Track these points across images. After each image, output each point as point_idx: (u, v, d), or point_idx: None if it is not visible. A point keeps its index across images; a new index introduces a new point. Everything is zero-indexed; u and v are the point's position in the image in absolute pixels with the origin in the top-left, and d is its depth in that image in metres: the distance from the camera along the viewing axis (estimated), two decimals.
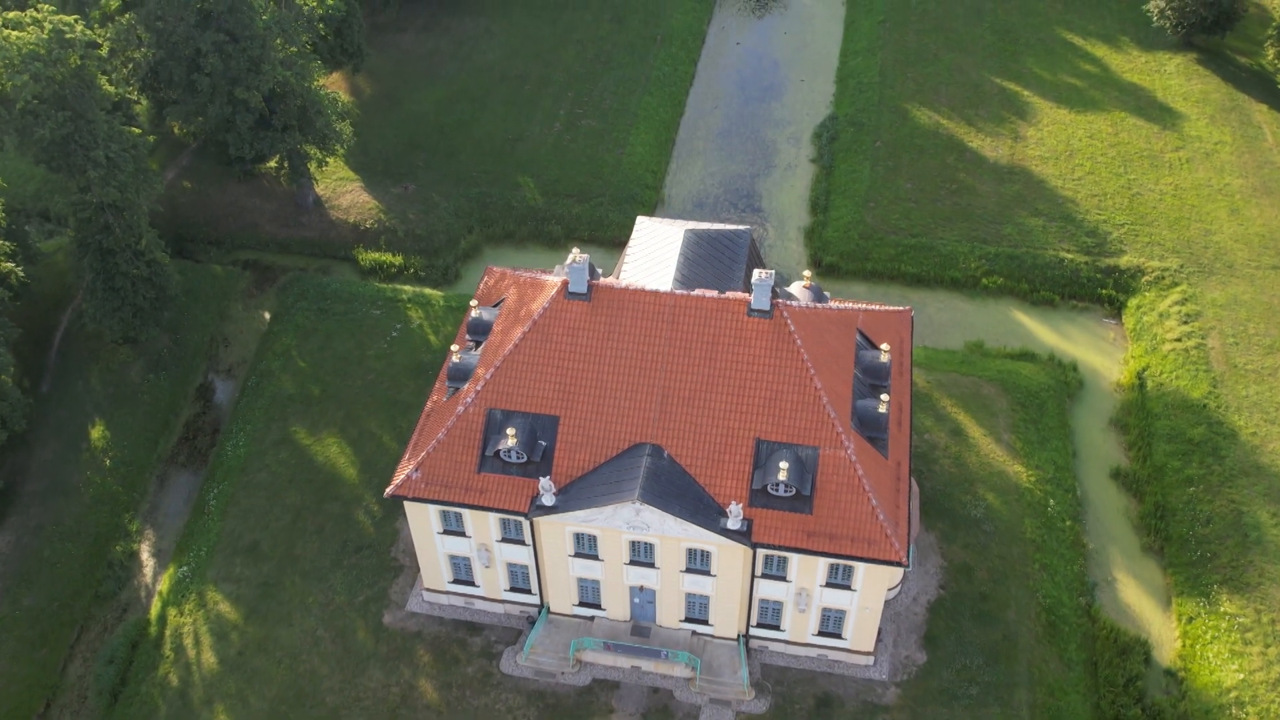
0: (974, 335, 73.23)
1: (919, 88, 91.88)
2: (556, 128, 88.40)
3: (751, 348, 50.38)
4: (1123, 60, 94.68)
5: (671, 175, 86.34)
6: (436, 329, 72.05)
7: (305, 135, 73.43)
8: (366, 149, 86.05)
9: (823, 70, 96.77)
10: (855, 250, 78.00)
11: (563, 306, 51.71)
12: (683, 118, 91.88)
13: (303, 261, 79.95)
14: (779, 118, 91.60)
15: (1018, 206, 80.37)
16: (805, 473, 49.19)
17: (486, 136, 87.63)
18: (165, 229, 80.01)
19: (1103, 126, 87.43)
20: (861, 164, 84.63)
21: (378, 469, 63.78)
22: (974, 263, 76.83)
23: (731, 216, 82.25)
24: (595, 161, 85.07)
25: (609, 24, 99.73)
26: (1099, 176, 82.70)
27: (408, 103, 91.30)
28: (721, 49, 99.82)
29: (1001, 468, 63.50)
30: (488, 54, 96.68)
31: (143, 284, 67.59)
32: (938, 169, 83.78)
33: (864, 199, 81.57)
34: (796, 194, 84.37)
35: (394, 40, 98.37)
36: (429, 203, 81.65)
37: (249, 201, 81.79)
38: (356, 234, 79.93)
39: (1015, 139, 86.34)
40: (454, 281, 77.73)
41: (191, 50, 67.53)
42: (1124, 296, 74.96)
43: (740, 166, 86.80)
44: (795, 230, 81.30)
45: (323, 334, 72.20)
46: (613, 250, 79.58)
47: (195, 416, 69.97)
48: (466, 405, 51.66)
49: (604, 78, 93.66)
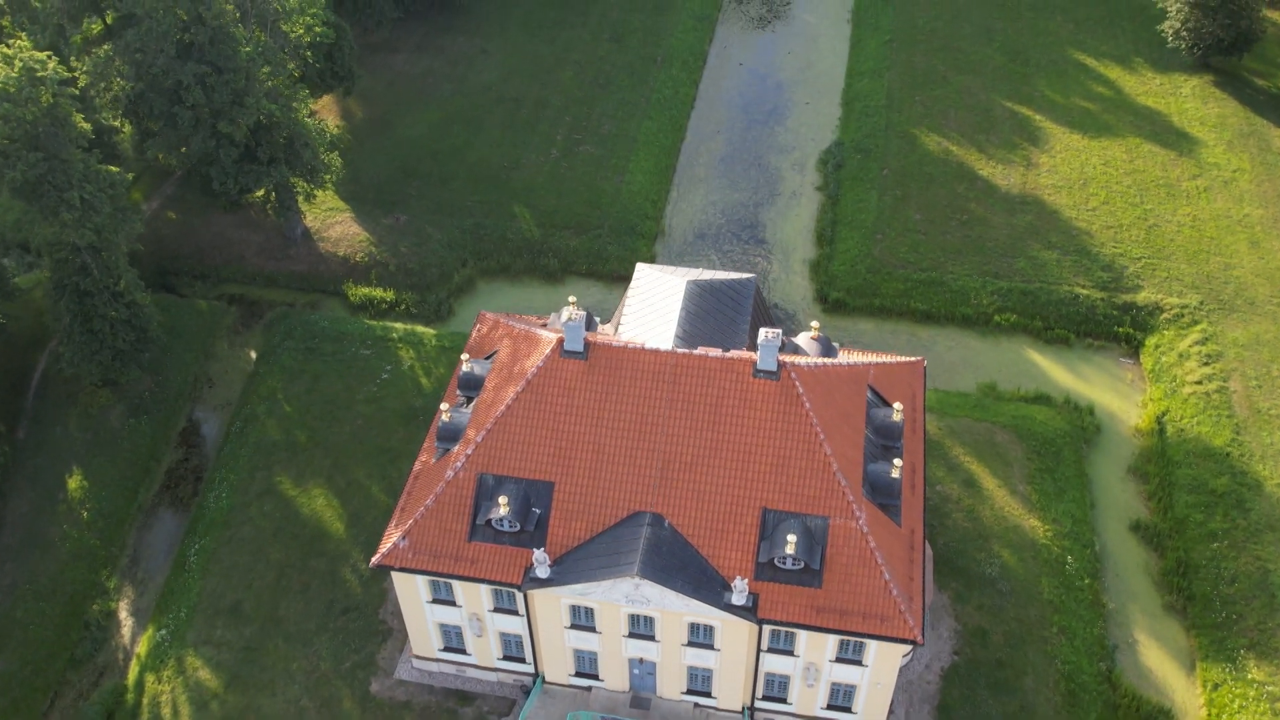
0: (986, 376, 70.55)
1: (927, 111, 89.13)
2: (553, 154, 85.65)
3: (757, 411, 47.70)
4: (1137, 82, 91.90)
5: (672, 204, 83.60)
6: (428, 370, 69.36)
7: (292, 168, 70.68)
8: (357, 177, 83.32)
9: (828, 92, 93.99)
10: (862, 285, 75.26)
11: (558, 365, 49.03)
12: (684, 142, 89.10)
13: (291, 296, 77.21)
14: (783, 143, 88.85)
15: (1031, 238, 77.65)
16: (814, 545, 46.52)
17: (481, 163, 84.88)
18: (149, 262, 77.54)
19: (1117, 153, 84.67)
20: (869, 193, 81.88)
21: (365, 523, 61.12)
22: (986, 299, 74.12)
23: (734, 249, 79.57)
24: (593, 190, 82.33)
25: (608, 44, 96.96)
26: (1114, 207, 79.96)
27: (400, 126, 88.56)
28: (723, 70, 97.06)
29: (1017, 522, 60.83)
30: (483, 74, 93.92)
31: (122, 326, 64.90)
32: (947, 198, 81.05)
33: (871, 230, 78.84)
34: (801, 224, 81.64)
35: (386, 61, 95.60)
36: (421, 234, 78.93)
37: (235, 233, 79.07)
38: (346, 268, 77.21)
39: (1027, 166, 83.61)
40: (447, 318, 75.00)
41: (172, 82, 64.77)
42: (1142, 335, 72.25)
43: (743, 195, 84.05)
44: (800, 263, 78.55)
45: (310, 375, 69.51)
46: (611, 285, 76.91)
47: (177, 463, 67.28)
48: (456, 470, 48.99)
49: (603, 100, 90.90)
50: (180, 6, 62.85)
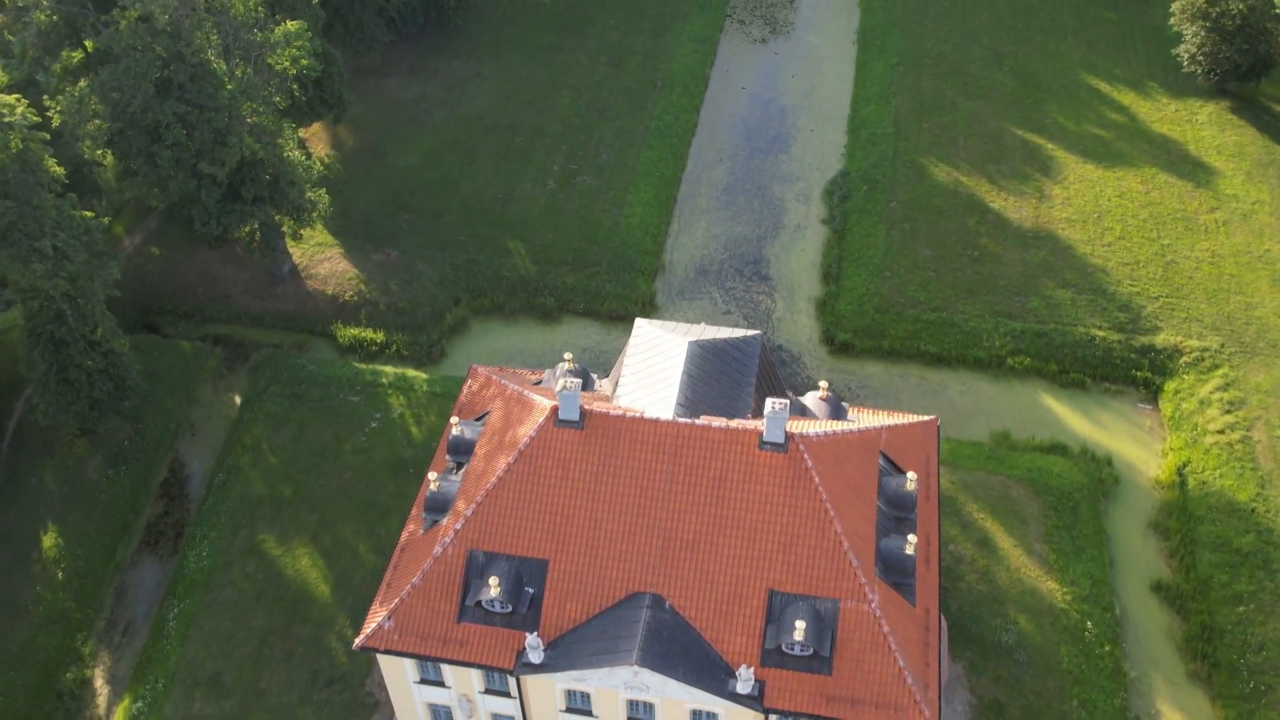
0: (1000, 423, 67.85)
1: (936, 140, 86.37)
2: (550, 185, 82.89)
3: (764, 485, 45.01)
4: (1151, 109, 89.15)
5: (673, 237, 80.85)
6: (418, 418, 66.66)
7: (277, 207, 67.92)
8: (347, 210, 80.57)
9: (833, 118, 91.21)
10: (870, 326, 72.53)
11: (552, 435, 46.33)
12: (684, 172, 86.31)
13: (277, 336, 74.47)
14: (787, 172, 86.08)
15: (1044, 276, 74.91)
16: (824, 629, 43.84)
17: (475, 195, 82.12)
18: (130, 300, 74.82)
19: (1133, 184, 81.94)
20: (876, 226, 79.15)
21: (352, 585, 58.45)
22: (998, 340, 71.39)
23: (737, 285, 76.81)
24: (591, 224, 79.58)
25: (606, 68, 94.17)
26: (1130, 242, 77.23)
27: (392, 155, 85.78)
28: (725, 94, 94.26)
29: (1034, 584, 58.16)
30: (478, 100, 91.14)
31: (99, 376, 62.22)
32: (958, 233, 78.31)
33: (879, 267, 76.10)
34: (807, 259, 78.90)
35: (379, 85, 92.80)
36: (412, 271, 76.17)
37: (220, 270, 76.34)
38: (335, 307, 74.44)
39: (1040, 198, 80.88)
40: (439, 360, 72.28)
41: (151, 121, 62.01)
42: (1160, 379, 69.52)
43: (746, 228, 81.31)
44: (806, 301, 75.82)
45: (296, 424, 66.80)
46: (609, 325, 74.18)
47: (158, 517, 64.55)
48: (445, 545, 46.30)
49: (601, 128, 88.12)
50: (159, 43, 60.11)
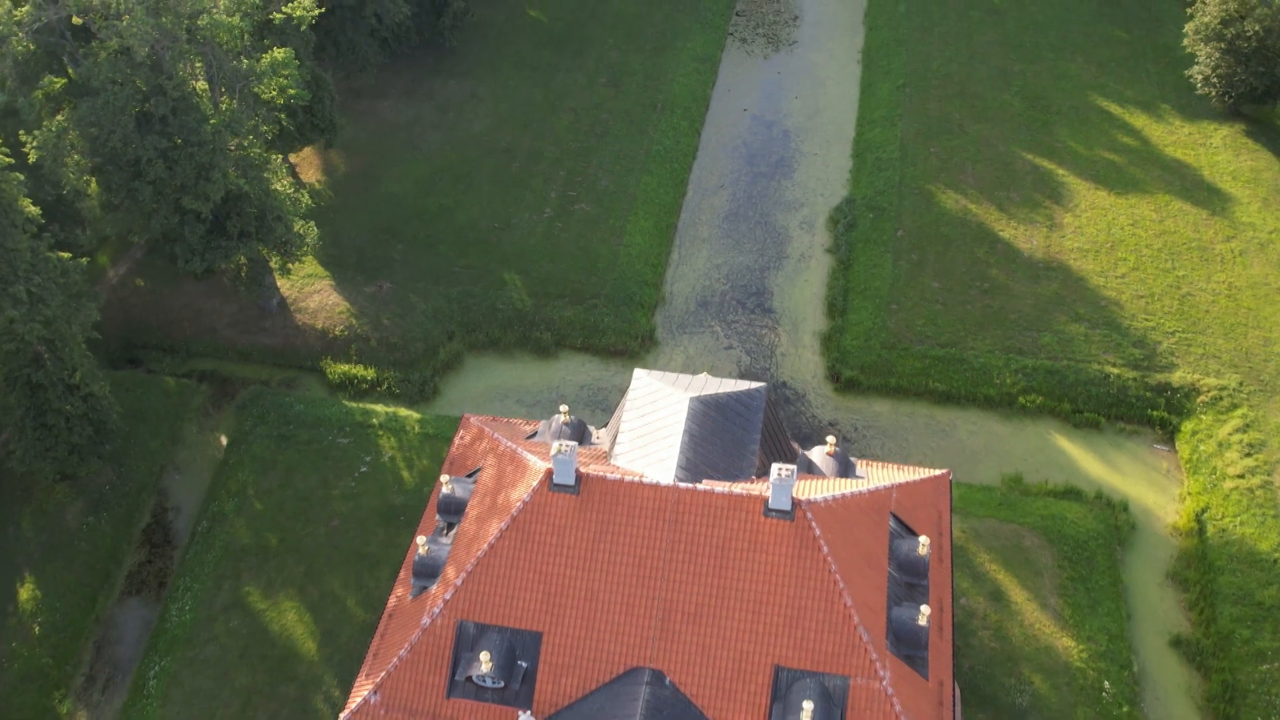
0: (1011, 465, 65.59)
1: (943, 165, 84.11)
2: (547, 213, 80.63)
3: (769, 555, 42.78)
4: (1164, 132, 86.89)
5: (673, 268, 78.57)
6: (410, 462, 64.41)
7: (264, 242, 65.66)
8: (338, 239, 78.32)
9: (837, 142, 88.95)
10: (877, 362, 70.27)
11: (546, 500, 44.10)
12: (685, 198, 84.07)
13: (265, 372, 72.22)
14: (790, 198, 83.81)
15: (1056, 310, 72.65)
16: (833, 708, 41.60)
17: (470, 223, 79.85)
18: (114, 334, 72.74)
19: (1146, 211, 79.70)
20: (883, 257, 76.88)
21: (340, 642, 56.21)
22: (1009, 378, 69.13)
23: (739, 319, 74.54)
24: (589, 255, 77.31)
25: (605, 88, 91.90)
26: (1144, 273, 74.97)
27: (385, 181, 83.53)
28: (727, 116, 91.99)
29: (1049, 641, 55.90)
30: (473, 123, 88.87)
31: (78, 421, 59.91)
32: (967, 264, 76.06)
33: (886, 300, 73.84)
34: (811, 290, 76.62)
35: (372, 108, 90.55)
36: (405, 304, 73.91)
37: (207, 303, 74.08)
38: (324, 342, 72.18)
39: (1051, 227, 78.60)
40: (431, 398, 69.99)
41: (131, 156, 59.75)
42: (1177, 419, 67.24)
43: (748, 257, 79.04)
44: (810, 335, 73.56)
45: (283, 467, 64.55)
46: (608, 360, 71.94)
47: (139, 566, 62.28)
48: (433, 616, 44.06)
49: (599, 152, 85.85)
50: (139, 76, 57.84)
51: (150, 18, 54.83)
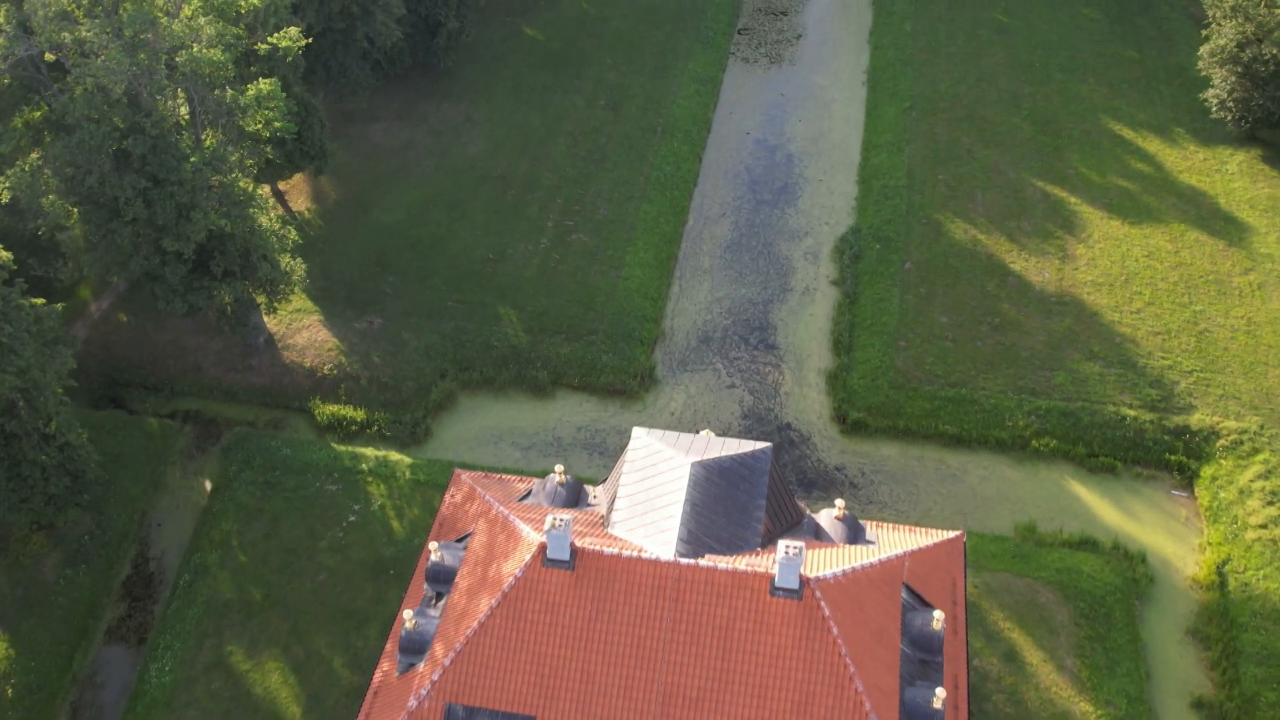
0: (1024, 512, 63.18)
1: (952, 192, 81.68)
2: (543, 244, 78.18)
3: (776, 636, 40.43)
4: (1178, 157, 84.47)
5: (673, 301, 76.13)
6: (400, 511, 62.03)
7: (248, 281, 63.26)
8: (328, 271, 75.89)
9: (843, 167, 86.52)
10: (885, 404, 67.85)
11: (540, 575, 41.74)
12: (686, 227, 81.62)
13: (252, 412, 69.77)
14: (794, 227, 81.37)
15: (1070, 347, 70.23)
16: None
17: (464, 254, 77.40)
18: (96, 371, 70.44)
19: (1161, 242, 77.27)
20: (890, 290, 74.45)
21: (325, 707, 53.80)
22: (1022, 420, 66.73)
23: (742, 355, 72.13)
24: (587, 288, 74.87)
25: (603, 112, 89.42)
26: (1160, 308, 72.55)
27: (377, 210, 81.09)
28: (729, 140, 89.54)
29: (1066, 705, 53.51)
30: (468, 148, 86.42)
31: (55, 471, 57.54)
32: (977, 298, 73.64)
33: (894, 336, 71.43)
34: (816, 325, 74.20)
35: (364, 132, 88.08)
36: (396, 341, 71.49)
37: (191, 340, 71.66)
38: (313, 381, 69.76)
39: (1063, 259, 76.18)
40: (423, 440, 67.54)
41: (109, 197, 57.36)
42: (1196, 464, 64.80)
43: (751, 290, 76.59)
44: (815, 374, 71.14)
45: (269, 516, 62.15)
46: (606, 400, 69.55)
47: (119, 621, 59.89)
48: (420, 698, 41.70)
49: (598, 179, 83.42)
50: (116, 114, 55.41)
51: (126, 56, 52.37)
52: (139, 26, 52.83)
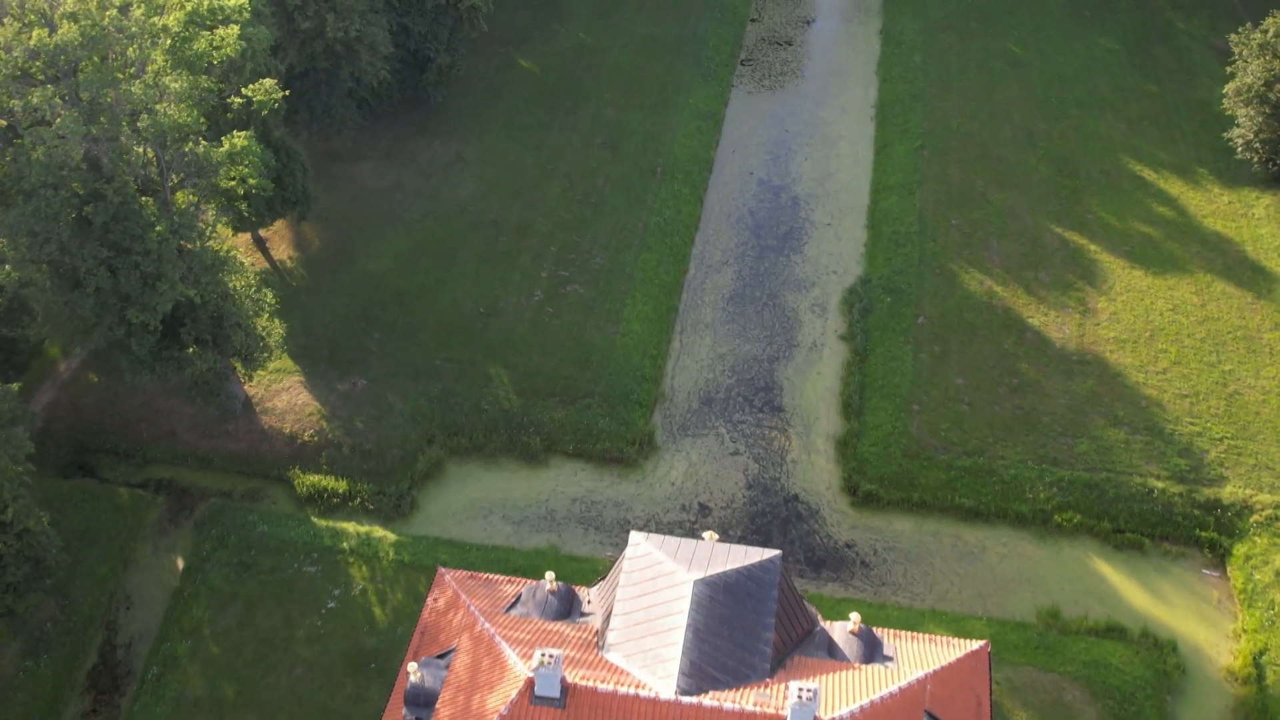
0: (1047, 595, 59.41)
1: (966, 239, 77.88)
2: (537, 296, 74.35)
3: None
4: (1202, 200, 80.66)
5: (674, 358, 72.31)
6: (383, 596, 58.26)
7: (221, 350, 59.47)
8: (310, 327, 72.06)
9: (851, 211, 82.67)
10: (898, 474, 64.06)
11: (527, 714, 37.97)
12: (687, 276, 77.76)
13: (229, 481, 65.95)
14: (800, 276, 77.54)
15: (1093, 411, 66.45)
16: None
17: (453, 308, 73.56)
18: (64, 437, 66.78)
19: (1186, 294, 73.47)
20: (902, 348, 70.64)
21: None
22: (1043, 492, 62.94)
23: (746, 419, 68.34)
24: (583, 345, 71.05)
25: (601, 151, 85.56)
26: (1187, 368, 68.77)
27: (362, 258, 77.24)
28: (731, 181, 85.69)
29: None
30: (458, 190, 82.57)
31: (13, 559, 53.74)
32: (994, 357, 69.84)
33: (906, 399, 67.65)
34: (825, 385, 70.39)
35: (350, 172, 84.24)
36: (381, 404, 67.70)
37: (165, 403, 67.85)
38: (292, 448, 65.95)
39: (1084, 313, 72.38)
40: (408, 514, 63.71)
41: (69, 267, 53.59)
42: (1229, 541, 61.04)
43: (756, 346, 72.78)
44: (824, 439, 67.34)
45: (244, 601, 58.39)
46: (602, 468, 65.75)
47: (82, 718, 56.09)
48: None
49: (594, 224, 79.57)
50: (76, 179, 51.61)
51: (82, 123, 48.55)
52: (97, 89, 48.98)
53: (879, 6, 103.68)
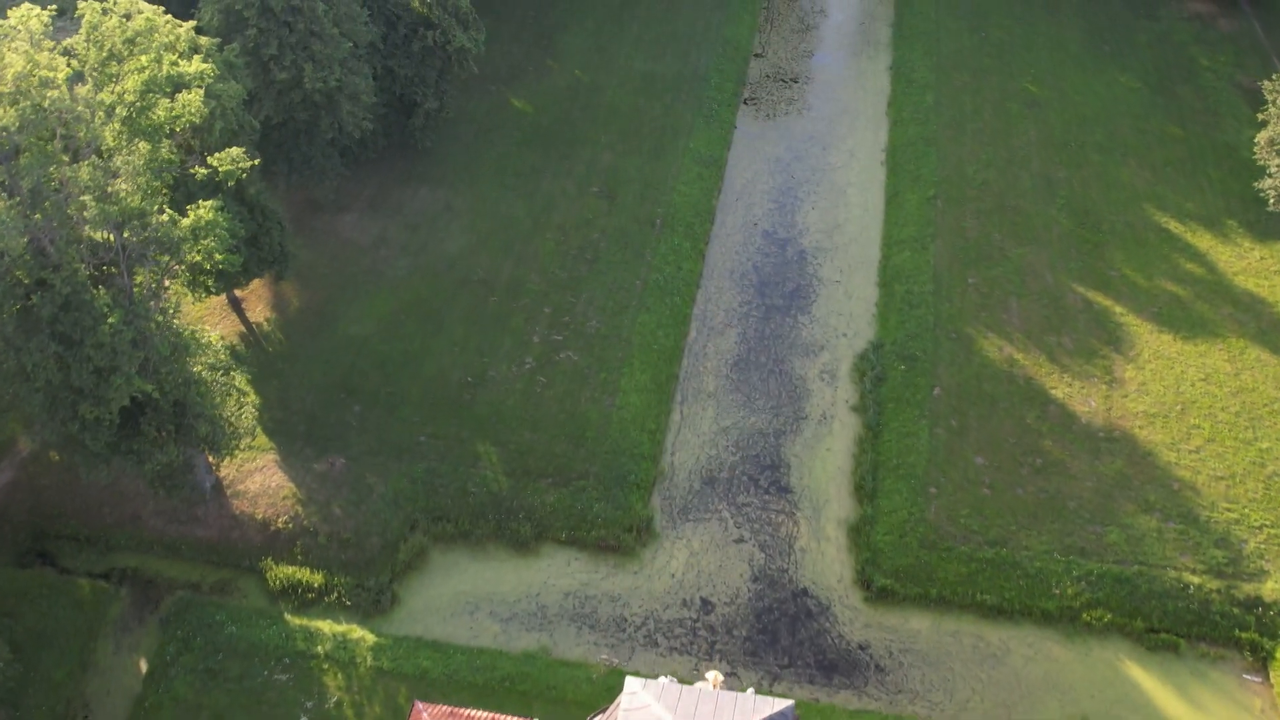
0: (1076, 703, 55.08)
1: (984, 300, 73.49)
2: (528, 364, 69.94)
3: None
4: (1232, 256, 76.30)
5: (674, 432, 67.90)
6: (359, 709, 53.91)
7: (184, 442, 55.12)
8: (287, 399, 67.70)
9: (861, 266, 78.24)
10: (915, 567, 59.70)
11: None
12: (688, 340, 73.34)
13: (197, 572, 61.52)
14: (809, 340, 73.13)
15: (1122, 495, 62.11)
16: None
17: (439, 377, 69.17)
18: (22, 522, 62.60)
19: (1218, 361, 69.12)
20: (918, 423, 66.26)
21: None
22: (1070, 587, 58.57)
23: (751, 501, 64.00)
24: (577, 419, 66.68)
25: (597, 200, 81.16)
26: (1222, 445, 64.42)
27: (344, 320, 72.82)
28: (735, 232, 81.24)
29: None
30: (446, 243, 78.16)
31: None
32: (1015, 432, 65.49)
33: (923, 480, 63.30)
34: (835, 463, 66.02)
35: (332, 224, 79.83)
36: (360, 486, 63.33)
37: (130, 485, 63.41)
38: (265, 536, 61.59)
39: (1110, 383, 68.00)
40: (389, 609, 59.21)
41: (13, 363, 49.24)
42: (1271, 643, 56.69)
43: (761, 418, 68.39)
44: (835, 525, 62.96)
45: (209, 714, 54.01)
46: (597, 558, 61.36)
47: None
48: None
49: (590, 282, 75.17)
50: (20, 268, 47.25)
51: (23, 214, 44.18)
52: (40, 175, 44.62)
53: (888, 41, 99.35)
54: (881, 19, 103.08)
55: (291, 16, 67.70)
